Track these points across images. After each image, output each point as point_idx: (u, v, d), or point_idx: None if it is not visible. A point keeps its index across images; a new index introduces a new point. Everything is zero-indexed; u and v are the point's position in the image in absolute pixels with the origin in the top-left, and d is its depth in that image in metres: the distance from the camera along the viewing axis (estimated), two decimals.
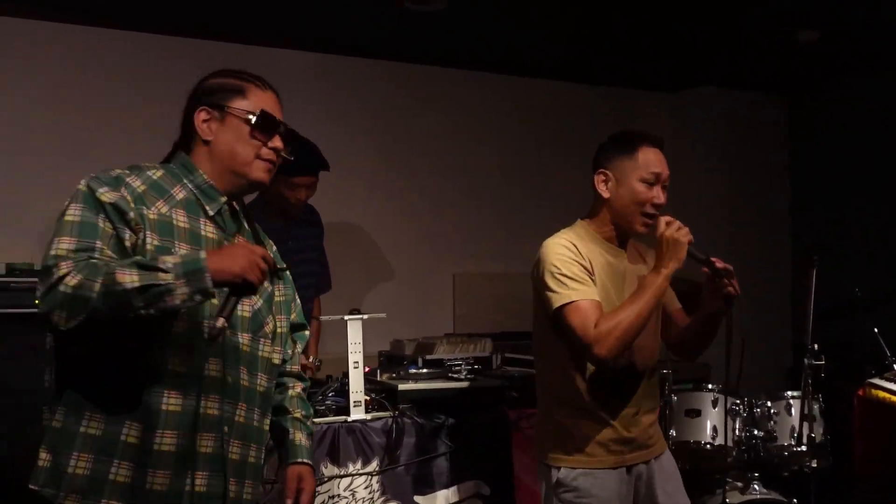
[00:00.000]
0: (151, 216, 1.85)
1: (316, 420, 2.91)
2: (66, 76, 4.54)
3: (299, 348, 2.25)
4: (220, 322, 1.72)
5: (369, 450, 2.97)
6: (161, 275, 1.69)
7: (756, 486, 3.71)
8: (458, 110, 5.48)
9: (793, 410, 3.83)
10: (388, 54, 5.13)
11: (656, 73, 5.71)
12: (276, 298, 2.10)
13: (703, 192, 5.96)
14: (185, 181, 1.94)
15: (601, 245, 2.57)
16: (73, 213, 1.80)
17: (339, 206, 5.05)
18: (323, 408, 2.98)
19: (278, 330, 2.09)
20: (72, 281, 1.68)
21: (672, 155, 6.57)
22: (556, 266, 2.45)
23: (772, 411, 3.83)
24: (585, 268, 2.47)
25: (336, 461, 2.91)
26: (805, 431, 3.79)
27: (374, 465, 2.97)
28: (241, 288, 1.77)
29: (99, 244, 1.78)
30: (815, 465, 3.75)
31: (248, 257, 1.77)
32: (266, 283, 2.00)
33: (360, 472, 2.94)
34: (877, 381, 3.56)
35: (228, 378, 1.90)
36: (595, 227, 2.60)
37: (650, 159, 2.52)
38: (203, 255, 1.75)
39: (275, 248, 2.20)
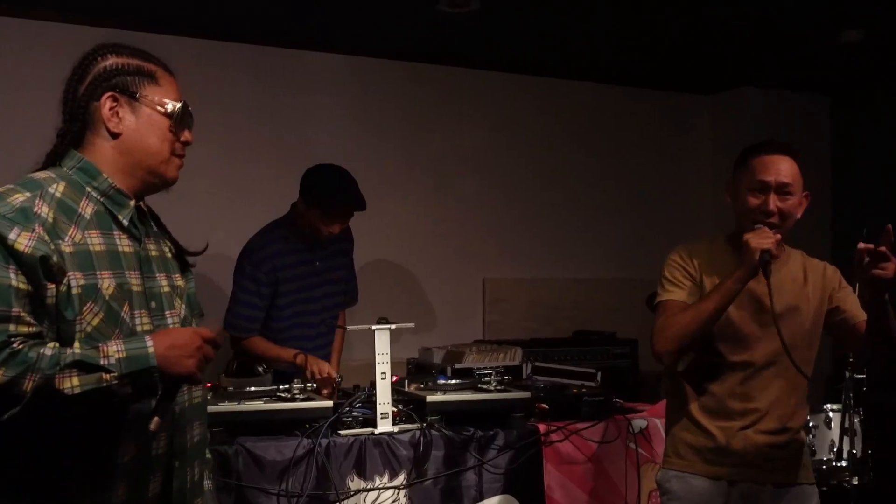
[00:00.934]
0: (68, 249, 1.58)
1: (342, 432, 2.89)
2: None
3: None
4: (154, 424, 1.57)
5: (396, 463, 2.91)
6: (104, 375, 1.50)
7: None
8: (492, 112, 5.42)
9: (833, 424, 3.75)
10: (421, 56, 5.07)
11: (696, 75, 5.62)
12: (189, 294, 1.90)
13: None
14: (88, 190, 1.67)
15: (733, 256, 2.48)
16: None
17: (369, 210, 4.98)
18: (350, 419, 2.92)
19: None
20: None
21: (714, 156, 6.51)
22: (663, 272, 2.57)
23: (811, 424, 3.74)
24: (689, 272, 2.52)
25: (362, 474, 2.86)
26: (845, 446, 3.70)
27: (401, 479, 2.91)
28: (177, 384, 1.60)
29: (15, 311, 1.50)
30: (855, 481, 3.66)
31: (197, 353, 1.59)
32: (182, 281, 1.84)
33: (388, 485, 2.88)
34: None
35: (175, 408, 1.72)
36: (730, 240, 2.57)
37: (759, 167, 2.45)
38: (150, 346, 1.54)
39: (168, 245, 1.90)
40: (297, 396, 2.93)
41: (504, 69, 5.32)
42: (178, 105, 1.75)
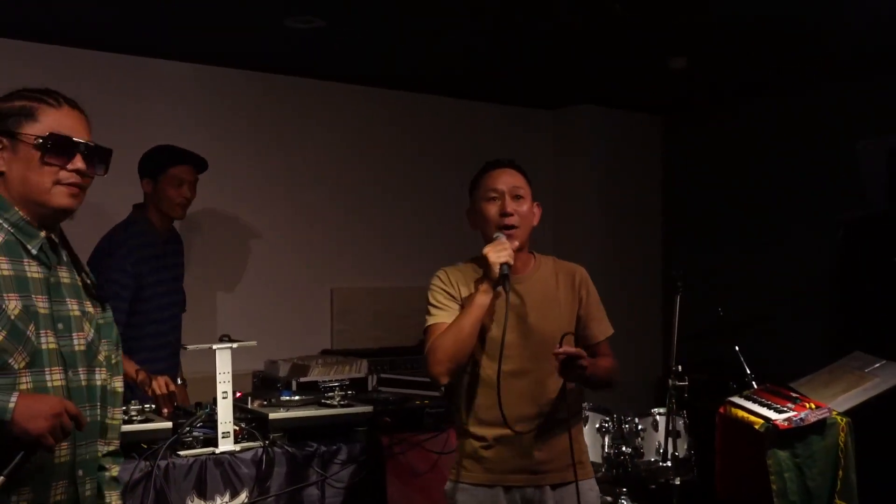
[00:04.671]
0: None
1: (182, 453, 2.86)
2: None
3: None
4: (1, 482, 1.68)
5: (238, 482, 2.90)
6: None
7: (624, 501, 3.82)
8: (340, 123, 5.44)
9: (659, 427, 3.97)
10: (268, 67, 5.04)
11: (539, 91, 5.81)
12: (100, 322, 2.01)
13: (581, 209, 6.13)
14: (0, 221, 1.85)
15: (479, 272, 2.62)
16: None
17: (215, 218, 4.94)
18: (190, 439, 2.89)
19: (113, 360, 2.04)
20: None
21: (553, 171, 6.72)
22: (428, 295, 2.68)
23: (639, 428, 3.95)
24: (451, 294, 2.64)
25: (203, 495, 2.83)
26: (670, 448, 3.94)
27: (242, 498, 2.91)
28: (34, 447, 1.70)
29: None
30: (678, 481, 3.91)
31: (53, 419, 1.69)
32: (93, 309, 1.96)
33: None
34: (736, 399, 3.72)
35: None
36: (478, 261, 2.66)
37: (489, 180, 2.66)
38: (12, 402, 1.68)
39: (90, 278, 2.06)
40: (135, 418, 2.86)
41: (351, 81, 5.36)
42: (45, 136, 1.83)
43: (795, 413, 3.49)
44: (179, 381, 3.71)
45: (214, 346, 2.94)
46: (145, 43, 4.57)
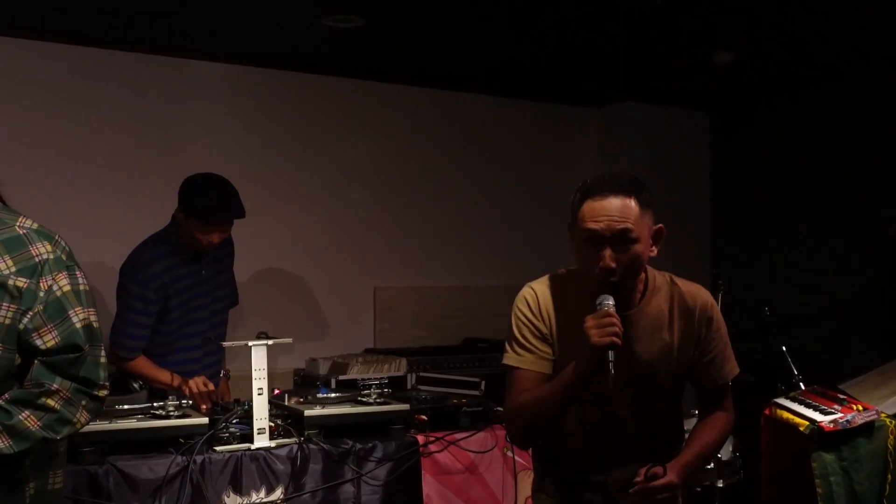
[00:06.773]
0: None
1: (218, 448, 2.88)
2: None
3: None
4: None
5: (274, 478, 2.91)
6: None
7: None
8: (382, 123, 5.45)
9: None
10: (309, 67, 5.06)
11: (583, 88, 5.75)
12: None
13: None
14: None
15: (586, 298, 2.14)
16: None
17: (259, 219, 4.95)
18: (226, 435, 2.92)
19: None
20: None
21: (598, 169, 6.69)
22: (511, 323, 2.25)
23: (684, 428, 3.88)
24: (539, 330, 2.20)
25: (238, 490, 2.86)
26: None
27: (278, 493, 2.92)
28: None
29: None
30: (720, 483, 3.83)
31: None
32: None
33: (264, 500, 2.89)
34: (782, 401, 3.62)
35: None
36: (577, 281, 2.23)
37: (587, 213, 2.08)
38: None
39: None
40: (172, 413, 2.90)
41: (392, 80, 5.36)
42: None
43: (842, 415, 3.38)
44: (222, 374, 3.74)
45: (250, 343, 2.95)
46: (185, 44, 4.62)
